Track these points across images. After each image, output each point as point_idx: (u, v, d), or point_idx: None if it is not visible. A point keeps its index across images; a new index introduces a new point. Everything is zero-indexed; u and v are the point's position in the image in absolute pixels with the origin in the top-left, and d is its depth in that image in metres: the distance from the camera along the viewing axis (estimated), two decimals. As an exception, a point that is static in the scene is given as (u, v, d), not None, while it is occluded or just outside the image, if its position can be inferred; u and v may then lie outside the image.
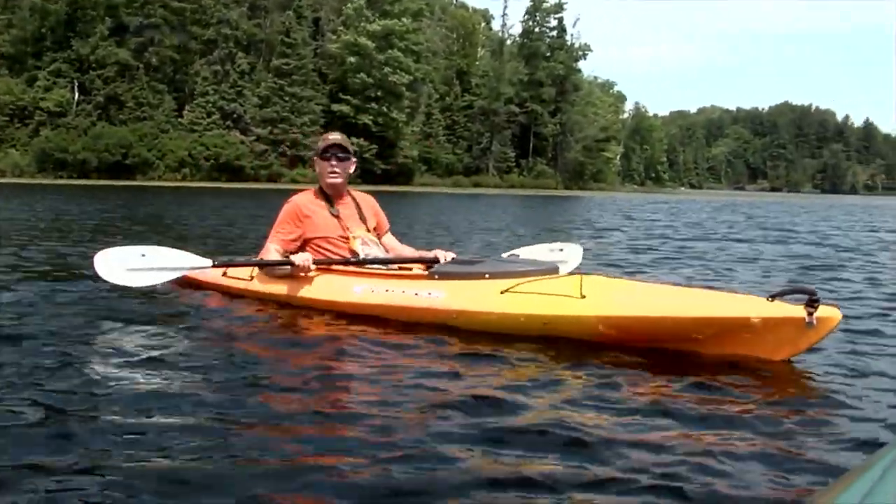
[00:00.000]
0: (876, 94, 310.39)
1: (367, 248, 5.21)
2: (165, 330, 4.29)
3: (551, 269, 4.67)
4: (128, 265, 4.96)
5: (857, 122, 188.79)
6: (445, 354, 3.91)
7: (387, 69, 61.54)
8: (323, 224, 5.26)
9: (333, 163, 5.31)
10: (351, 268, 5.03)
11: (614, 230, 16.31)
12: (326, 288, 4.96)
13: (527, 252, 6.07)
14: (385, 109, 61.48)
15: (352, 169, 5.42)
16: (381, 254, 5.26)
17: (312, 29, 64.10)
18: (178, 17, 56.42)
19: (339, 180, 5.34)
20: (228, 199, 28.71)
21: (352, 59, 61.20)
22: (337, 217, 5.31)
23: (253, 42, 61.01)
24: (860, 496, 1.22)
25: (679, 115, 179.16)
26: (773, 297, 3.78)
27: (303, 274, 5.00)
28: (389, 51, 61.78)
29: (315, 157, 5.47)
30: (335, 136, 5.46)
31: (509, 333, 4.19)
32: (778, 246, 12.53)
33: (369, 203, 5.61)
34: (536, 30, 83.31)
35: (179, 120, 56.46)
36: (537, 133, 78.85)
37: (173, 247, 5.85)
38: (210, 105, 57.11)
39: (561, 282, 4.34)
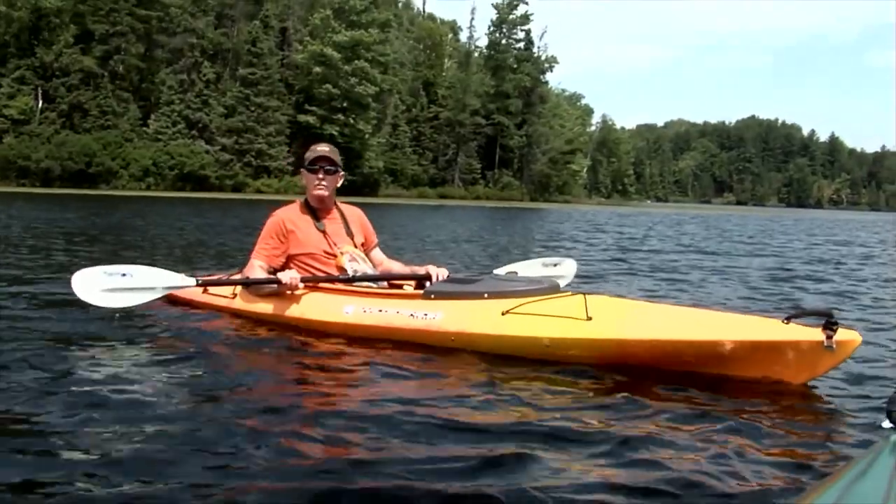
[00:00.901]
0: (841, 109, 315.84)
1: (356, 264, 5.07)
2: (142, 352, 4.22)
3: (552, 288, 4.53)
4: (107, 285, 4.78)
5: (823, 136, 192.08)
6: (443, 377, 3.87)
7: (353, 80, 62.03)
8: (308, 239, 5.10)
9: (321, 175, 5.16)
10: (340, 286, 4.89)
11: (591, 242, 16.97)
12: (315, 307, 4.81)
13: (521, 268, 5.96)
14: (351, 120, 62.01)
15: (339, 182, 5.30)
16: (369, 270, 5.12)
17: (279, 39, 64.55)
18: (144, 25, 56.53)
19: (325, 193, 5.18)
20: (194, 209, 28.89)
21: (318, 70, 61.68)
22: (323, 232, 5.14)
23: (219, 51, 61.37)
24: (836, 497, 1.34)
25: (646, 128, 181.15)
26: (788, 319, 3.69)
27: (290, 292, 4.88)
28: (356, 61, 62.28)
29: (302, 169, 5.31)
30: (323, 148, 5.31)
31: (510, 356, 4.12)
32: (767, 259, 13.29)
33: (357, 216, 5.45)
34: (503, 41, 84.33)
35: (144, 129, 56.57)
36: (503, 145, 79.77)
37: (147, 260, 6.27)
38: (175, 114, 57.26)
39: (564, 302, 4.21)
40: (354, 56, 62.58)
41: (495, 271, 5.67)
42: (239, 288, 5.16)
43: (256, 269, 5.05)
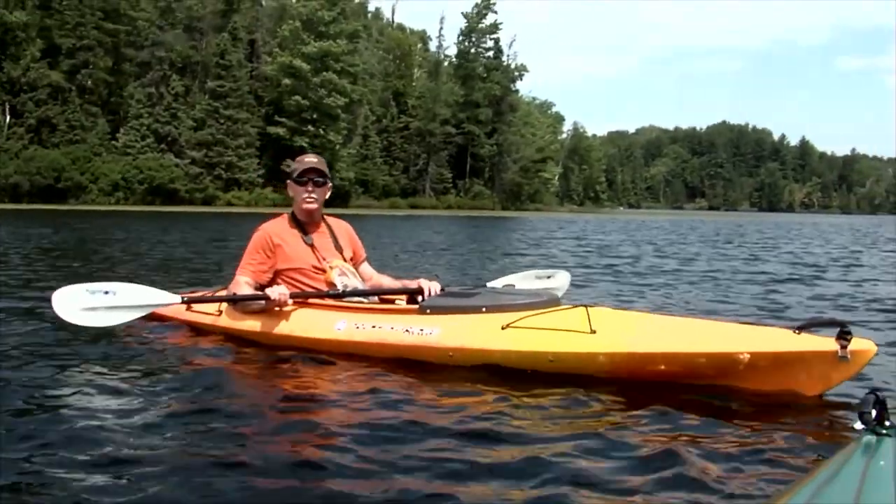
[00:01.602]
0: (812, 113, 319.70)
1: (345, 278, 4.96)
2: (120, 372, 4.06)
3: (552, 301, 4.43)
4: (89, 304, 4.63)
5: (794, 141, 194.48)
6: (442, 395, 3.78)
7: (322, 91, 62.52)
8: (296, 254, 4.98)
9: (310, 188, 5.04)
10: (331, 301, 4.80)
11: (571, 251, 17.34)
12: (305, 324, 4.69)
13: (514, 280, 5.87)
14: (321, 132, 62.41)
15: (327, 194, 5.19)
16: (359, 285, 5.02)
17: (248, 51, 64.96)
18: (112, 38, 56.72)
19: (315, 206, 5.08)
20: (166, 223, 29.01)
21: (287, 81, 62.09)
22: (311, 246, 5.03)
23: (188, 64, 61.57)
24: (807, 498, 1.37)
25: (618, 135, 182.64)
26: (799, 329, 3.63)
27: (278, 309, 4.75)
28: (325, 73, 62.73)
29: (289, 182, 5.15)
30: (311, 160, 5.20)
31: (512, 371, 4.05)
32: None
33: (345, 230, 5.34)
34: (472, 51, 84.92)
35: (113, 143, 56.63)
36: (474, 154, 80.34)
37: (122, 277, 6.34)
38: (144, 128, 57.34)
39: (566, 315, 4.11)
40: (323, 67, 63.05)
41: (489, 284, 5.58)
42: (225, 305, 5.02)
43: (242, 285, 4.89)
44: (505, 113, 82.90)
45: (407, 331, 4.35)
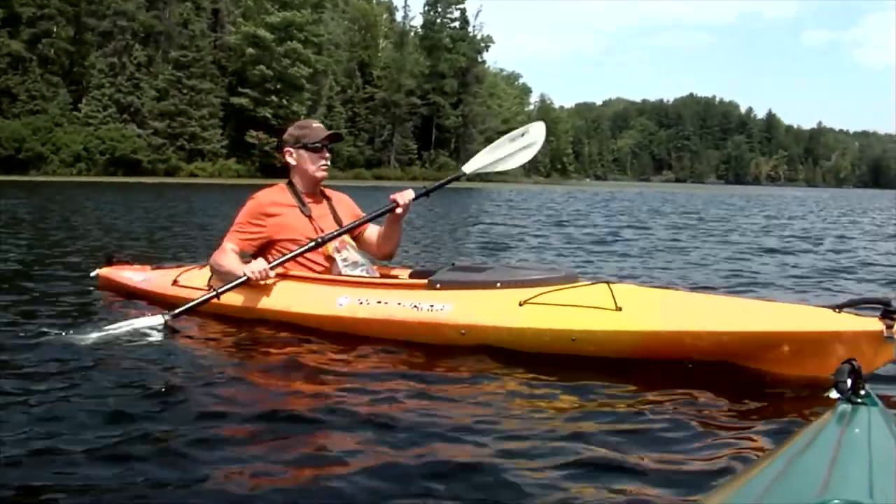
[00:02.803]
0: (778, 86, 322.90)
1: (346, 252, 4.70)
2: (107, 357, 3.74)
3: (571, 277, 4.16)
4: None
5: (760, 114, 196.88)
6: (454, 377, 3.58)
7: (286, 61, 63.04)
8: (292, 224, 4.71)
9: (327, 154, 4.82)
10: (333, 276, 4.56)
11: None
12: (303, 299, 4.44)
13: (490, 151, 5.19)
14: (285, 102, 62.95)
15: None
16: (360, 259, 4.74)
17: (211, 20, 65.22)
18: (74, 7, 56.62)
19: (327, 175, 4.85)
20: (130, 194, 29.10)
21: (251, 51, 62.50)
22: (309, 217, 4.76)
23: (151, 34, 61.67)
24: (781, 467, 1.41)
25: (585, 107, 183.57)
26: (839, 307, 3.42)
27: (263, 283, 4.52)
28: (289, 42, 63.21)
29: (292, 149, 4.81)
30: (321, 125, 4.93)
31: (528, 352, 3.81)
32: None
33: (345, 202, 5.07)
34: (438, 21, 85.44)
35: (75, 113, 56.57)
36: (439, 125, 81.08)
37: (88, 250, 6.99)
38: (106, 98, 57.41)
39: (588, 291, 3.87)
40: (287, 37, 63.47)
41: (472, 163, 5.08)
42: (215, 280, 4.73)
43: (229, 253, 4.66)
44: (470, 84, 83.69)
45: (415, 307, 4.10)
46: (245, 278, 4.47)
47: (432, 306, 4.07)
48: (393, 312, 4.15)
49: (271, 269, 4.52)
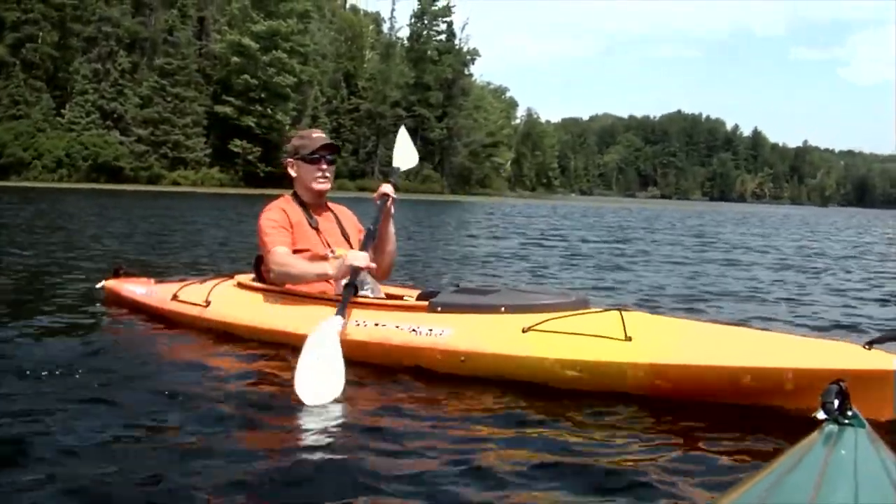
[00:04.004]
0: (765, 103, 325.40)
1: None
2: (97, 372, 3.69)
3: (581, 302, 4.01)
4: (322, 377, 3.57)
5: (746, 131, 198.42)
6: (449, 406, 3.41)
7: (271, 70, 63.26)
8: (304, 238, 4.54)
9: (324, 166, 4.63)
10: (329, 295, 4.37)
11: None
12: (298, 319, 4.22)
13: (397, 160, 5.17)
14: (269, 111, 63.27)
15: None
16: (368, 278, 4.46)
17: (197, 28, 65.32)
18: (58, 12, 56.58)
19: (328, 186, 4.68)
20: (114, 201, 29.24)
21: (236, 60, 62.71)
22: (317, 230, 4.60)
23: (136, 40, 61.78)
24: (767, 488, 1.41)
25: (571, 122, 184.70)
26: (870, 344, 3.21)
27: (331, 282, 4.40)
28: (274, 52, 63.39)
29: (293, 160, 4.67)
30: (320, 135, 4.76)
31: (530, 382, 3.60)
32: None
33: (349, 216, 4.92)
34: (425, 33, 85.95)
35: (58, 119, 56.52)
36: (424, 137, 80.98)
37: (86, 259, 7.16)
38: (89, 104, 57.42)
39: (597, 319, 3.68)
40: (273, 46, 63.62)
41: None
42: (213, 295, 4.70)
43: (287, 254, 4.43)
44: (456, 96, 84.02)
45: (414, 330, 3.94)
46: (354, 269, 4.18)
47: (431, 330, 3.91)
48: (390, 336, 3.99)
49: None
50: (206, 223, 18.11)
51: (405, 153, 5.22)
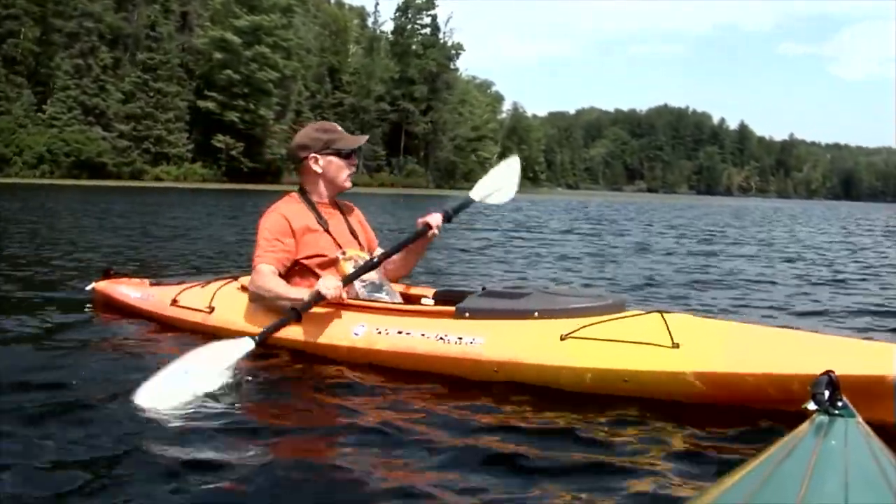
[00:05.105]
0: (751, 97, 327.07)
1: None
2: (102, 384, 3.42)
3: (618, 306, 3.75)
4: (173, 392, 3.33)
5: (733, 125, 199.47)
6: (484, 425, 3.03)
7: (254, 65, 63.67)
8: (313, 241, 4.25)
9: (355, 162, 4.46)
10: (347, 300, 4.05)
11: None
12: (314, 326, 3.97)
13: (493, 178, 4.59)
14: (252, 106, 63.67)
15: None
16: (376, 278, 4.28)
17: (180, 23, 65.76)
18: (40, 8, 56.71)
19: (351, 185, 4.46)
20: (97, 197, 29.11)
21: (218, 55, 63.07)
22: (327, 231, 4.32)
23: (119, 36, 61.97)
24: (757, 478, 1.40)
25: (558, 116, 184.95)
26: None
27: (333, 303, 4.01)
28: (257, 46, 63.81)
29: (318, 154, 4.32)
30: (344, 131, 4.49)
31: (570, 391, 3.35)
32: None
33: (357, 214, 4.65)
34: (409, 27, 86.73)
35: (39, 114, 56.67)
36: (408, 131, 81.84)
37: (72, 260, 6.98)
38: (71, 100, 57.61)
39: (638, 323, 3.47)
40: (256, 41, 64.10)
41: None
42: (217, 301, 4.42)
43: (269, 275, 4.10)
44: (440, 90, 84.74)
45: (441, 339, 3.68)
46: (319, 298, 3.90)
47: (461, 339, 3.63)
48: (415, 344, 3.72)
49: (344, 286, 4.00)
50: (193, 220, 18.15)
51: (503, 185, 4.62)
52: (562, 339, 3.41)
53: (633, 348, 3.29)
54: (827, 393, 1.72)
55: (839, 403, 1.70)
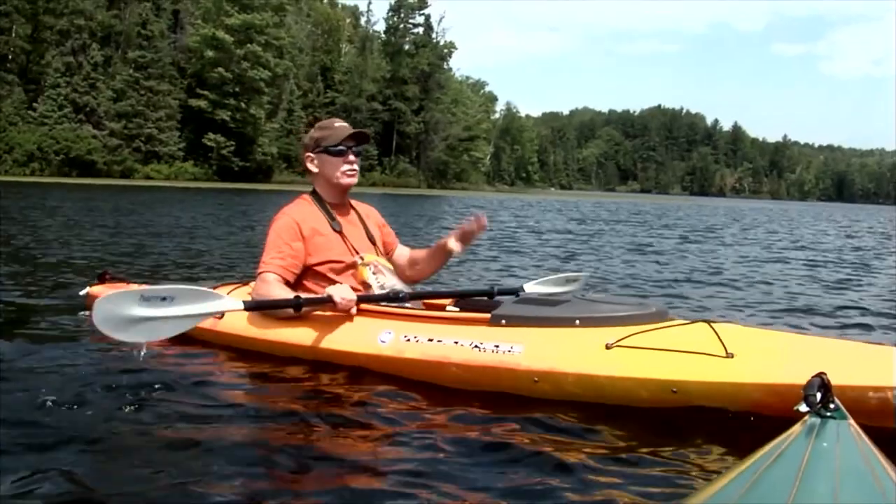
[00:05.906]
0: (745, 98, 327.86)
1: (382, 277, 4.13)
2: (112, 388, 3.33)
3: (661, 314, 3.59)
4: (141, 314, 3.30)
5: (726, 126, 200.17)
6: (529, 437, 2.93)
7: (246, 64, 63.77)
8: (328, 246, 4.09)
9: (351, 158, 4.17)
10: (371, 306, 3.89)
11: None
12: (337, 333, 3.81)
13: (537, 287, 4.63)
14: (243, 105, 63.82)
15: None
16: (398, 284, 4.16)
17: (171, 21, 65.80)
18: (31, 5, 56.79)
19: (354, 181, 4.22)
20: (89, 195, 29.20)
21: (210, 53, 63.19)
22: (340, 234, 4.15)
23: (111, 33, 62.03)
24: (749, 479, 1.42)
25: (552, 117, 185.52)
26: None
27: (342, 313, 3.83)
28: (249, 45, 63.97)
29: (313, 154, 4.19)
30: (344, 124, 4.26)
31: (616, 404, 3.20)
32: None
33: (374, 215, 4.49)
34: (401, 26, 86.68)
35: (30, 112, 56.63)
36: (400, 131, 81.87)
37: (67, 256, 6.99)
38: (62, 97, 57.62)
39: (687, 332, 3.32)
40: (247, 39, 64.24)
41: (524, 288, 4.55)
42: (261, 317, 4.09)
43: (273, 284, 3.92)
44: (432, 90, 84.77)
45: (476, 347, 3.48)
46: (327, 300, 3.75)
47: (497, 347, 3.43)
48: (448, 353, 3.51)
49: (358, 302, 3.83)
50: (188, 220, 18.04)
51: (552, 286, 4.69)
52: (607, 348, 3.24)
53: (685, 358, 3.14)
54: (819, 395, 1.75)
55: (831, 405, 1.73)
